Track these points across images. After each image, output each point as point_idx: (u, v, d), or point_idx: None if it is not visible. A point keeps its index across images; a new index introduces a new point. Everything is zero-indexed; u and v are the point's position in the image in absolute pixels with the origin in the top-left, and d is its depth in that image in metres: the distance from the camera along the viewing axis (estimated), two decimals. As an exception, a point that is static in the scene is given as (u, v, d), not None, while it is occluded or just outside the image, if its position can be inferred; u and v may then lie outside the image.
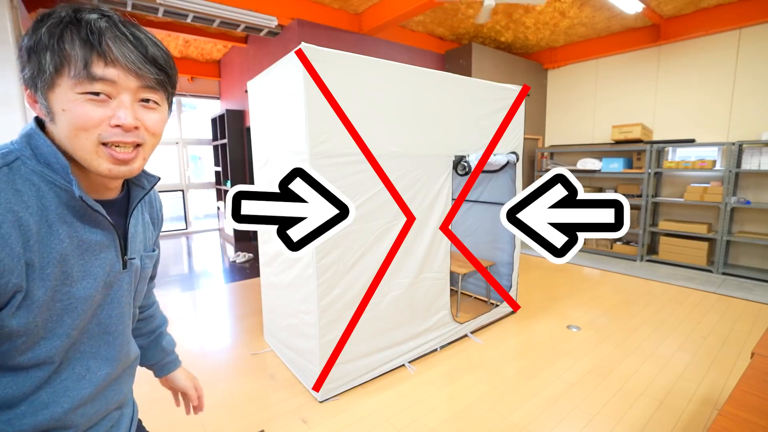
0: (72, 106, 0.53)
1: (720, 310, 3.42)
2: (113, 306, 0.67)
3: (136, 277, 0.73)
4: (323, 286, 2.06)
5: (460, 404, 2.16)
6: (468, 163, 2.63)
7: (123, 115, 0.55)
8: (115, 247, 0.65)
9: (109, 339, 0.67)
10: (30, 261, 0.52)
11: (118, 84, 0.55)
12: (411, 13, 3.88)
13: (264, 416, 2.07)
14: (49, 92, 0.54)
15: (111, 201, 0.67)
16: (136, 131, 0.58)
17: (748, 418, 1.03)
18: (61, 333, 0.58)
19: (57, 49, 0.52)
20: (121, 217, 0.69)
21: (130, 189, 0.71)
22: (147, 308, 0.94)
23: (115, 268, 0.65)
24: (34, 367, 0.57)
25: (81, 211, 0.59)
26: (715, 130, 4.76)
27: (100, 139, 0.55)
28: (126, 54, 0.55)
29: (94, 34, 0.53)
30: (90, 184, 0.62)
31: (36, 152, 0.56)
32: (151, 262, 0.79)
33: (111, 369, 0.68)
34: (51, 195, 0.55)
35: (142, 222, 0.76)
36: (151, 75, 0.58)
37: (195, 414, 1.00)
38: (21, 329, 0.53)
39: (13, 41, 2.74)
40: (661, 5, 4.39)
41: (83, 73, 0.52)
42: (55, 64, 0.52)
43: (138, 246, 0.72)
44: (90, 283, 0.61)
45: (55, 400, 0.60)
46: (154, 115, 0.61)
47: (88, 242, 0.60)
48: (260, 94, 2.47)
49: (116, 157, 0.57)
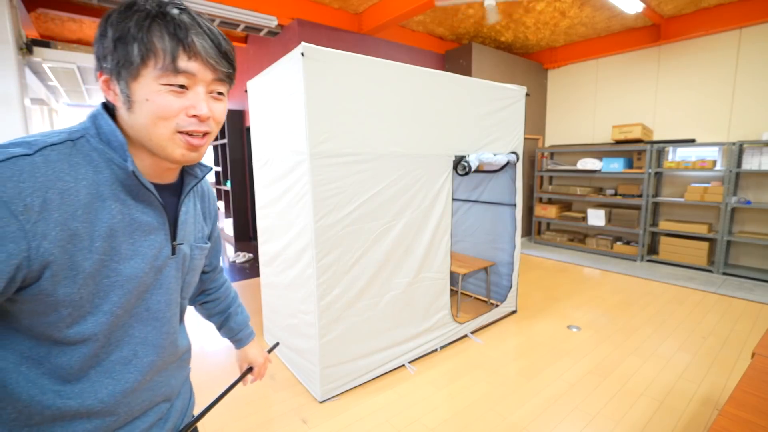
0: (155, 96, 0.57)
1: (720, 311, 3.42)
2: (162, 291, 0.68)
3: (185, 265, 0.73)
4: (323, 286, 2.06)
5: (461, 404, 2.16)
6: (468, 163, 2.62)
7: (199, 105, 0.59)
8: (164, 230, 0.67)
9: (157, 325, 0.68)
10: (75, 230, 0.54)
11: (197, 76, 0.59)
12: (411, 13, 3.88)
13: (264, 416, 2.07)
14: (132, 82, 0.56)
15: (165, 185, 0.69)
16: (207, 121, 0.62)
17: (749, 419, 1.03)
18: (106, 310, 0.59)
19: (145, 41, 0.55)
20: (173, 203, 0.70)
21: (183, 177, 0.73)
22: (215, 290, 1.00)
23: (164, 252, 0.67)
24: (80, 342, 0.58)
25: (135, 190, 0.62)
26: (715, 130, 4.76)
27: (177, 127, 0.59)
28: (206, 49, 0.59)
29: (180, 29, 0.56)
30: (147, 167, 0.64)
31: (99, 131, 0.59)
32: (202, 254, 0.79)
33: (157, 357, 0.69)
34: (107, 172, 0.58)
35: (194, 212, 0.77)
36: (224, 69, 0.62)
37: (251, 382, 1.07)
38: (66, 299, 0.55)
39: (13, 41, 2.73)
40: (662, 5, 4.39)
41: (170, 67, 0.56)
42: (142, 56, 0.55)
43: (188, 234, 0.73)
44: (138, 263, 0.62)
45: (102, 381, 0.62)
46: (221, 106, 0.65)
47: (139, 222, 0.62)
48: (260, 94, 2.47)
49: (191, 143, 0.61)
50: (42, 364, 0.57)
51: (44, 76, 4.25)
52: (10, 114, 2.72)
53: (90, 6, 3.83)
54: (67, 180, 0.54)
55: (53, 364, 0.58)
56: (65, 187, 0.53)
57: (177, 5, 0.58)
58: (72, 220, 0.53)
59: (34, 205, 0.50)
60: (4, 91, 2.70)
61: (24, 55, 3.18)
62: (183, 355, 0.79)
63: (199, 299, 1.00)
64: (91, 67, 4.03)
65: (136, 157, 0.63)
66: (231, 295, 1.04)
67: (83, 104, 6.44)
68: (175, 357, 0.75)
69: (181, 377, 0.79)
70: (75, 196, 0.54)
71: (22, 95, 2.78)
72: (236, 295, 1.07)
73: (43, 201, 0.51)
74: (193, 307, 1.00)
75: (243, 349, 1.05)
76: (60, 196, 0.52)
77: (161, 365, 0.71)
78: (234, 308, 1.04)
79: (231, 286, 1.06)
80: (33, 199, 0.50)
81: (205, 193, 0.84)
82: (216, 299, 1.00)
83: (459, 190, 3.74)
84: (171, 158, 0.61)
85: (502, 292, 3.40)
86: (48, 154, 0.53)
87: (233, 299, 1.05)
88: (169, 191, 0.70)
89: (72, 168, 0.55)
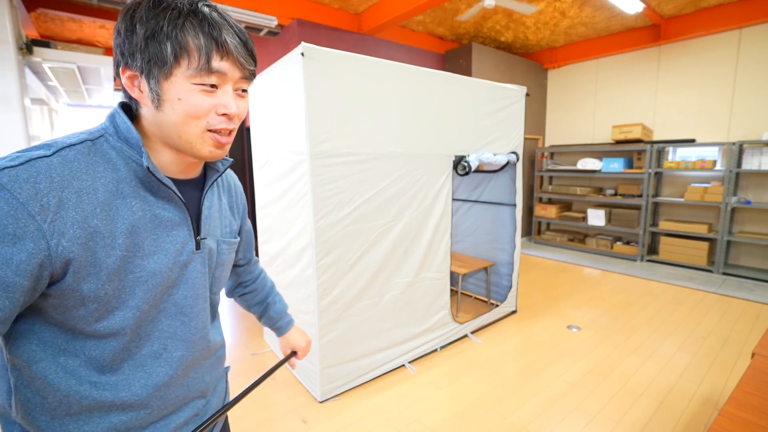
0: (187, 95, 0.57)
1: (720, 311, 3.42)
2: (188, 287, 0.68)
3: (212, 261, 0.73)
4: (323, 286, 2.06)
5: (460, 404, 2.16)
6: (468, 163, 2.62)
7: (229, 103, 0.60)
8: (187, 225, 0.67)
9: (185, 320, 0.68)
10: (95, 228, 0.55)
11: (227, 75, 0.59)
12: (411, 12, 3.88)
13: (264, 416, 2.07)
14: (164, 81, 0.56)
15: (187, 180, 0.69)
16: (234, 118, 0.62)
17: (749, 419, 1.03)
18: (132, 305, 0.60)
19: (179, 40, 0.54)
20: (197, 198, 0.70)
21: (206, 171, 0.73)
22: (251, 282, 1.02)
23: (188, 247, 0.67)
24: (110, 336, 0.60)
25: (154, 187, 0.62)
26: (715, 130, 4.76)
27: (207, 126, 0.60)
28: (237, 47, 0.59)
29: (214, 29, 0.56)
30: (170, 163, 0.64)
31: (117, 130, 0.60)
32: (231, 249, 0.79)
33: (187, 352, 0.69)
34: (126, 169, 0.59)
35: (219, 206, 0.77)
36: (250, 67, 0.62)
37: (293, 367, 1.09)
38: (91, 295, 0.56)
39: (13, 41, 2.73)
40: (662, 5, 4.39)
41: (205, 67, 0.56)
42: (176, 54, 0.55)
43: (213, 228, 0.73)
44: (161, 258, 0.62)
45: (135, 374, 0.63)
46: (245, 103, 0.65)
47: (161, 218, 0.63)
48: (260, 94, 2.47)
49: (220, 141, 0.62)
50: (78, 356, 0.59)
51: (44, 76, 4.25)
52: (10, 114, 2.71)
53: (90, 6, 3.82)
54: (84, 179, 0.54)
55: (88, 356, 0.59)
56: (82, 186, 0.54)
57: (206, 3, 0.57)
58: (91, 218, 0.54)
59: (51, 205, 0.51)
60: (4, 91, 2.70)
61: (24, 55, 3.18)
62: (217, 352, 0.79)
63: (237, 291, 1.02)
64: (91, 67, 4.03)
65: (156, 153, 0.63)
66: (268, 285, 1.06)
67: (83, 104, 6.44)
68: (208, 353, 0.75)
69: (216, 374, 0.80)
70: (93, 195, 0.55)
71: (22, 95, 2.78)
72: (273, 285, 1.09)
73: (59, 200, 0.51)
74: (233, 299, 1.04)
75: (284, 336, 1.07)
76: (77, 195, 0.53)
77: (193, 361, 0.71)
78: (272, 298, 1.06)
79: (267, 276, 1.08)
80: (49, 199, 0.51)
81: (231, 187, 0.84)
82: (253, 290, 1.03)
83: (459, 190, 3.73)
84: (200, 155, 0.62)
85: (502, 292, 3.40)
86: (66, 155, 0.54)
87: (270, 289, 1.07)
88: (191, 186, 0.70)
89: (89, 167, 0.55)
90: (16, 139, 2.69)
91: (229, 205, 0.81)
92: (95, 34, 5.01)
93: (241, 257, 0.97)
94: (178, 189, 0.65)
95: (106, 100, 6.28)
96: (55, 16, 4.29)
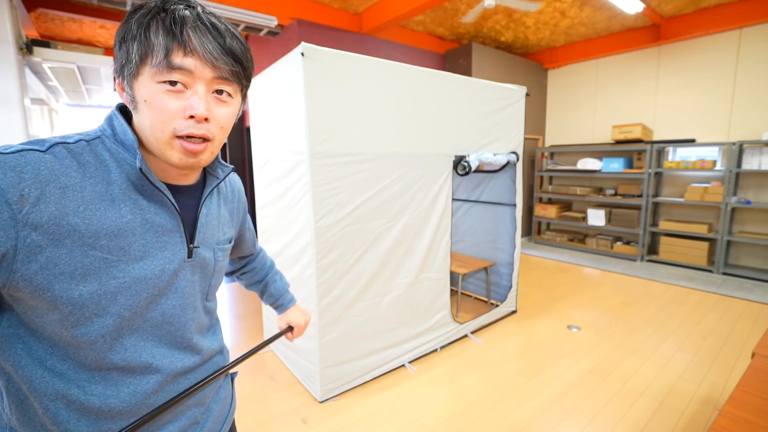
0: (152, 96, 0.55)
1: (720, 311, 3.42)
2: (177, 296, 0.66)
3: (207, 269, 0.72)
4: (323, 287, 2.06)
5: (461, 404, 2.16)
6: (468, 163, 2.62)
7: (196, 104, 0.56)
8: (179, 232, 0.65)
9: (171, 329, 0.66)
10: (74, 226, 0.53)
11: (194, 74, 0.56)
12: (411, 13, 3.88)
13: (264, 416, 2.07)
14: (133, 81, 0.56)
15: (184, 187, 0.68)
16: (206, 123, 0.59)
17: (749, 419, 1.03)
18: (113, 312, 0.58)
19: (143, 39, 0.54)
20: (193, 205, 0.69)
21: (206, 177, 0.72)
22: (250, 262, 1.04)
23: (179, 255, 0.65)
24: (90, 343, 0.58)
25: (147, 191, 0.61)
26: (715, 130, 4.76)
27: (174, 132, 0.57)
28: (205, 44, 0.56)
29: (176, 24, 0.54)
30: (161, 169, 0.64)
31: (114, 132, 0.60)
32: (226, 255, 0.78)
33: (174, 360, 0.67)
34: (118, 171, 0.58)
35: (218, 213, 0.75)
36: (227, 66, 0.59)
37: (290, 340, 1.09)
38: (64, 297, 0.54)
39: (13, 41, 2.73)
40: (662, 5, 4.39)
41: (163, 63, 0.54)
42: (140, 54, 0.54)
43: (208, 237, 0.72)
44: (149, 264, 0.60)
45: (123, 380, 0.61)
46: (225, 110, 0.62)
47: (152, 222, 0.61)
48: (260, 94, 2.47)
49: (187, 148, 0.59)
50: (65, 360, 0.58)
51: (44, 76, 4.25)
52: (10, 114, 2.72)
53: (90, 6, 3.83)
54: (72, 176, 0.54)
55: (74, 361, 0.58)
56: (69, 183, 0.53)
57: (186, 1, 0.57)
58: (72, 215, 0.53)
59: (30, 196, 0.50)
60: (4, 91, 2.70)
61: (24, 55, 3.18)
62: (213, 358, 0.77)
63: (237, 272, 1.05)
64: (91, 67, 4.04)
65: (151, 158, 0.62)
66: (267, 264, 1.08)
67: (83, 104, 6.44)
68: (201, 360, 0.73)
69: (216, 381, 0.78)
70: (79, 193, 0.54)
71: (22, 95, 2.78)
72: (272, 264, 1.10)
73: (40, 192, 0.51)
74: (234, 279, 1.07)
75: (285, 313, 1.08)
76: (61, 191, 0.53)
77: (182, 369, 0.69)
78: (271, 276, 1.07)
79: (267, 255, 1.09)
80: (31, 190, 0.50)
81: (234, 192, 0.83)
82: (252, 270, 1.05)
83: (459, 190, 3.73)
84: (170, 162, 0.60)
85: (502, 292, 3.40)
86: (58, 151, 0.54)
87: (270, 268, 1.08)
88: (189, 192, 0.68)
89: (80, 166, 0.55)
90: (16, 139, 2.69)
91: (228, 212, 0.80)
92: (95, 34, 5.01)
93: (248, 253, 1.00)
94: (174, 195, 0.64)
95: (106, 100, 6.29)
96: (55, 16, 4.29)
